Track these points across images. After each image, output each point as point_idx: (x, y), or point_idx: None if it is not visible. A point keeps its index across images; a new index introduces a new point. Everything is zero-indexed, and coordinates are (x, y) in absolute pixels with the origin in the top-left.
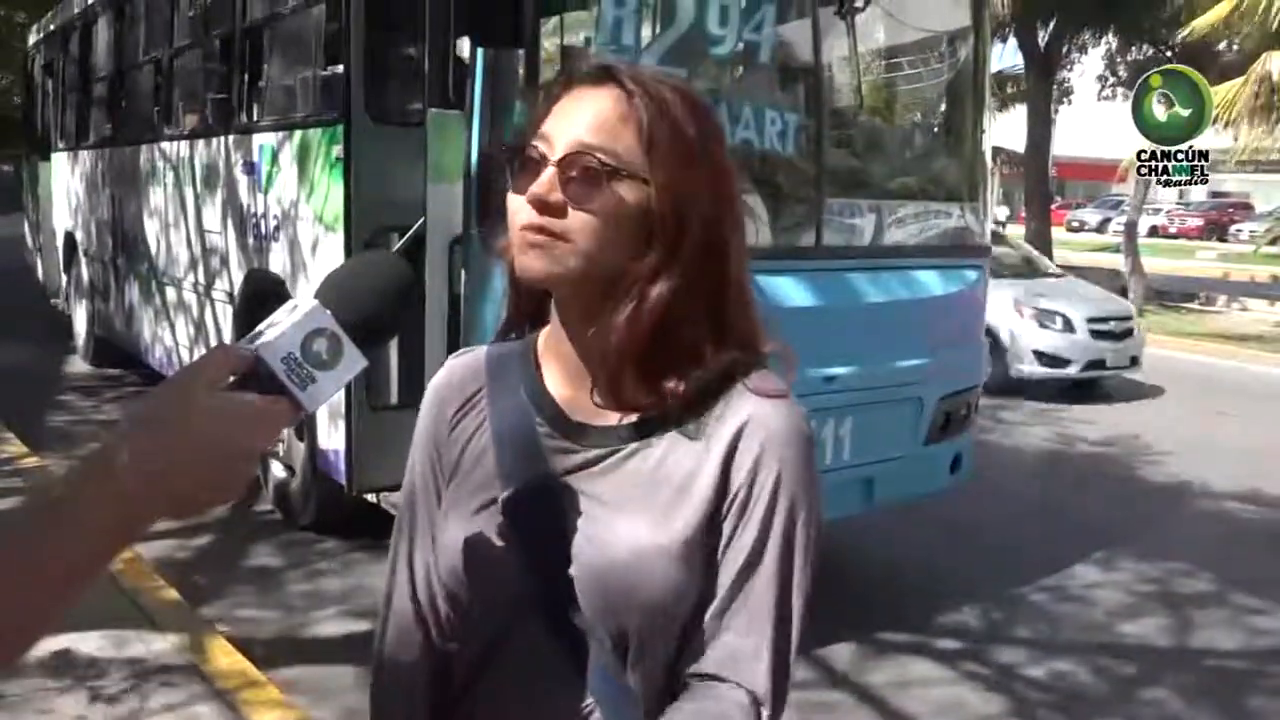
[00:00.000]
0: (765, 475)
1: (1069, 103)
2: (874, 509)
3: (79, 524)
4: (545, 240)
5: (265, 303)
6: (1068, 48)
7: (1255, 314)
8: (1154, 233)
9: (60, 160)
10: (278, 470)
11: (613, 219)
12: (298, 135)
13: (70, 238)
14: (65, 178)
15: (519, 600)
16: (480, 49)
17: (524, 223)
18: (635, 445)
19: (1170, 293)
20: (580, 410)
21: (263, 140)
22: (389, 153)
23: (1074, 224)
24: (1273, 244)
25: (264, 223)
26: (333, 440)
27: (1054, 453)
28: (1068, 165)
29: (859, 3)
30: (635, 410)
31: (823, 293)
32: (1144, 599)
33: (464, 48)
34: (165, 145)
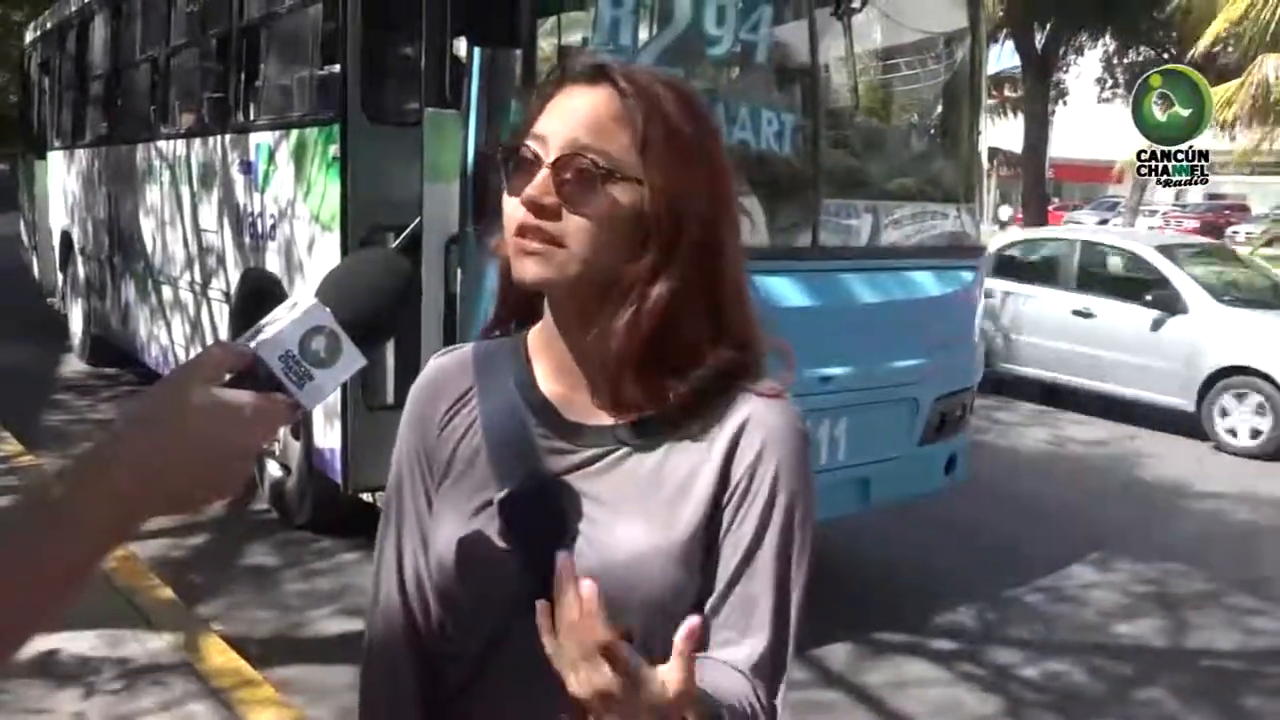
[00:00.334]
0: (765, 470)
1: (1065, 104)
2: (870, 509)
3: (78, 524)
4: (542, 246)
5: (261, 302)
6: (1065, 50)
7: None
8: None
9: (56, 159)
10: (274, 469)
11: (607, 222)
12: (294, 134)
13: (66, 236)
14: (61, 176)
15: (517, 600)
16: (477, 49)
17: (519, 225)
18: (632, 446)
19: None
20: (575, 410)
21: (259, 139)
22: (385, 152)
23: (1071, 225)
24: (1268, 245)
25: (260, 222)
26: (328, 439)
27: (1049, 453)
28: (1064, 167)
29: (856, 4)
30: (633, 411)
31: (818, 293)
32: (1140, 599)
33: (461, 47)
34: (162, 144)
